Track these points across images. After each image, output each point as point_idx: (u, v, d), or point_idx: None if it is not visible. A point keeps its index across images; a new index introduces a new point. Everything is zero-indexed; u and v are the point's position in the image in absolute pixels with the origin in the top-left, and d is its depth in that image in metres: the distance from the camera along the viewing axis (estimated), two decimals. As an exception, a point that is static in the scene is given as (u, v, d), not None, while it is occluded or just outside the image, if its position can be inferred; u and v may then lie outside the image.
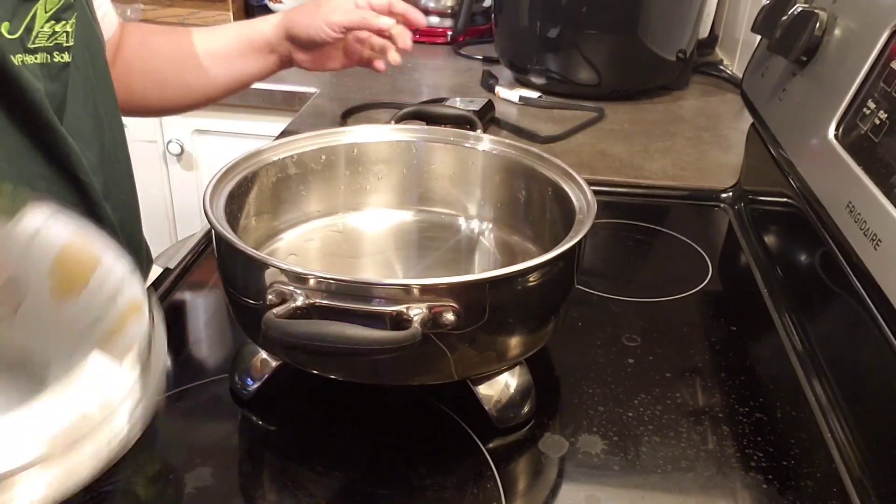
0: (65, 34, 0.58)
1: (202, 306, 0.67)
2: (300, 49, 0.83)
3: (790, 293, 0.66)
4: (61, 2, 0.56)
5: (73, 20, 0.58)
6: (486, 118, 1.03)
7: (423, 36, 1.44)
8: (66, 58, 0.58)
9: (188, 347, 0.61)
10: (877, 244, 0.48)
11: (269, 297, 0.45)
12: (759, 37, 0.80)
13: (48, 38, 0.57)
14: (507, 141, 0.61)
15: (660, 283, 0.71)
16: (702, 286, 0.70)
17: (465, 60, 1.36)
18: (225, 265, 0.51)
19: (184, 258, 0.71)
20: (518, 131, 1.03)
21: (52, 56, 0.57)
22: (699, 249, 0.77)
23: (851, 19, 0.61)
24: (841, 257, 0.54)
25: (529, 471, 0.50)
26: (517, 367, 0.52)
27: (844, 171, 0.54)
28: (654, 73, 1.18)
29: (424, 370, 0.49)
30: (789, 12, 0.67)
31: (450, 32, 1.45)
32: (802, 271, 0.65)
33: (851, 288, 0.52)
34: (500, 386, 0.51)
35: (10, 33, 0.53)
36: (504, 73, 1.26)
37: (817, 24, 0.63)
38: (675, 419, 0.53)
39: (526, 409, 0.52)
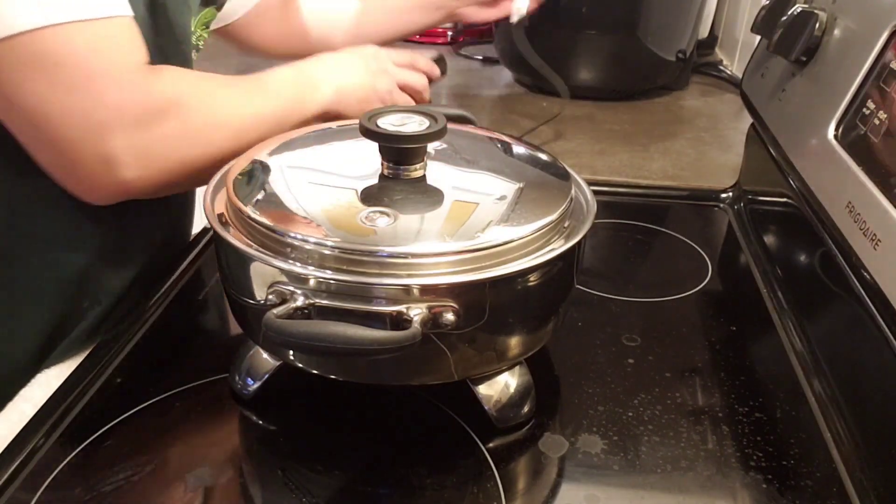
0: (202, 38, 0.73)
1: (202, 306, 0.67)
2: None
3: (790, 293, 0.67)
4: (209, 17, 0.73)
5: (207, 32, 0.73)
6: None
7: (424, 36, 1.44)
8: (196, 57, 0.72)
9: (188, 347, 0.61)
10: (876, 244, 0.48)
11: (269, 297, 0.45)
12: (758, 37, 0.80)
13: (195, 39, 0.71)
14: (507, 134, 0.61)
15: (660, 283, 0.71)
16: (702, 286, 0.71)
17: (465, 60, 1.36)
18: (225, 265, 0.51)
19: (184, 258, 0.71)
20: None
21: (192, 54, 0.71)
22: (699, 249, 0.77)
23: (851, 19, 0.61)
24: (840, 257, 0.54)
25: (529, 470, 0.50)
26: (517, 367, 0.52)
27: (844, 172, 0.54)
28: (654, 73, 1.19)
29: (424, 370, 0.49)
30: (789, 12, 0.67)
31: (450, 32, 1.45)
32: (802, 271, 0.65)
33: (851, 288, 0.52)
34: (500, 386, 0.51)
35: (194, 32, 0.68)
36: (504, 73, 1.27)
37: (817, 25, 0.64)
38: (675, 419, 0.54)
39: (526, 408, 0.52)
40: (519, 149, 0.59)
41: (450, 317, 0.44)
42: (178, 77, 0.60)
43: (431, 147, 0.53)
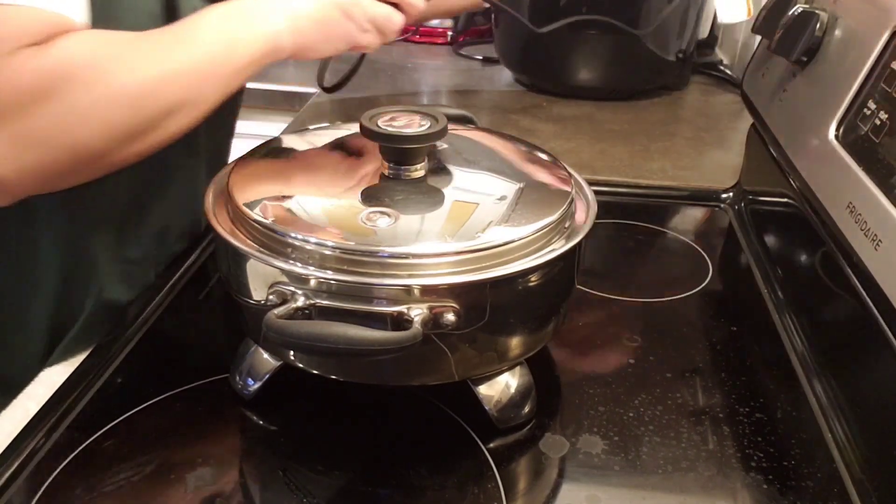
0: None
1: (202, 306, 0.67)
2: None
3: (790, 293, 0.67)
4: None
5: None
6: None
7: (424, 36, 1.45)
8: None
9: (188, 347, 0.61)
10: (877, 244, 0.48)
11: (270, 297, 0.45)
12: (759, 37, 0.80)
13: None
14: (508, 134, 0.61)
15: (660, 284, 0.71)
16: (702, 286, 0.70)
17: (465, 60, 1.36)
18: (225, 265, 0.51)
19: (184, 258, 0.71)
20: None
21: None
22: (699, 249, 0.77)
23: (852, 20, 0.61)
24: (841, 257, 0.54)
25: (530, 471, 0.50)
26: (518, 368, 0.52)
27: (845, 172, 0.54)
28: (654, 73, 1.18)
29: (425, 370, 0.49)
30: (790, 13, 0.67)
31: (450, 32, 1.45)
32: (803, 271, 0.65)
33: (852, 288, 0.52)
34: (501, 386, 0.51)
35: None
36: (504, 73, 1.27)
37: (818, 25, 0.63)
38: (676, 419, 0.54)
39: (526, 409, 0.52)
40: (519, 149, 0.59)
41: (450, 317, 0.44)
42: (75, 45, 0.51)
43: (432, 147, 0.53)
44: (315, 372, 0.50)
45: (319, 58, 0.67)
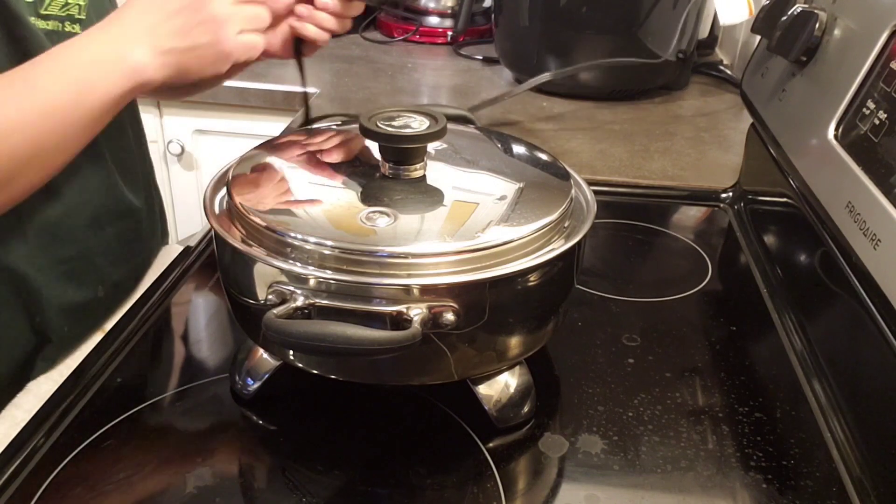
0: (77, 6, 0.59)
1: (202, 306, 0.67)
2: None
3: (790, 293, 0.67)
4: None
5: None
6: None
7: (423, 36, 1.45)
8: (78, 29, 0.60)
9: (188, 347, 0.61)
10: (876, 244, 0.48)
11: (269, 297, 0.45)
12: (758, 37, 0.80)
13: (60, 8, 0.59)
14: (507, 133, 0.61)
15: (660, 283, 0.71)
16: (702, 286, 0.71)
17: (465, 60, 1.36)
18: (225, 265, 0.51)
19: (184, 258, 0.71)
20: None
21: (63, 25, 0.59)
22: (699, 249, 0.77)
23: (851, 19, 0.61)
24: (840, 257, 0.54)
25: (529, 470, 0.50)
26: (517, 367, 0.52)
27: (844, 171, 0.54)
28: (654, 73, 1.18)
29: (424, 370, 0.49)
30: (789, 12, 0.67)
31: (450, 33, 1.45)
32: (802, 271, 0.65)
33: (851, 288, 0.52)
34: (500, 386, 0.52)
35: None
36: (504, 73, 1.27)
37: (817, 25, 0.64)
38: (675, 419, 0.54)
39: (526, 408, 0.52)
40: (519, 149, 0.59)
41: (450, 317, 0.44)
42: None
43: (431, 147, 0.53)
44: (314, 372, 0.50)
45: (203, 78, 0.58)
